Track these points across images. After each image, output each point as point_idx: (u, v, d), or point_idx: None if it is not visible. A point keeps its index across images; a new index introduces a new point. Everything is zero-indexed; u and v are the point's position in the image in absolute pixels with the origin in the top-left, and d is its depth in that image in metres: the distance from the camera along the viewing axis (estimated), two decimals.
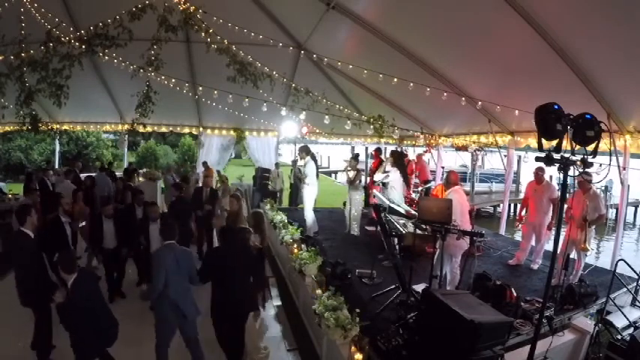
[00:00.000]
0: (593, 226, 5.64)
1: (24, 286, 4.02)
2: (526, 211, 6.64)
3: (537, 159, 2.87)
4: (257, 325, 4.42)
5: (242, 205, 6.44)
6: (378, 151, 10.13)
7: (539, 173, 6.28)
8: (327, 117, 7.37)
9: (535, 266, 6.33)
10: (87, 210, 6.47)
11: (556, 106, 2.76)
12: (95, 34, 5.77)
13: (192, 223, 6.79)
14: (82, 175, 9.88)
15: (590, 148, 2.82)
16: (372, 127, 7.90)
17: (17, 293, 4.08)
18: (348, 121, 7.62)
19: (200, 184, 8.76)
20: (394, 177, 7.51)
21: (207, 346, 4.03)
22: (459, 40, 6.14)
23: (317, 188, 7.57)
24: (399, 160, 7.72)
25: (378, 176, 7.55)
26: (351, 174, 8.21)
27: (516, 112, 6.39)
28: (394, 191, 7.39)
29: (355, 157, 8.72)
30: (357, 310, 3.78)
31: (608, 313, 4.80)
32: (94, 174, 10.19)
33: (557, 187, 6.27)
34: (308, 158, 7.36)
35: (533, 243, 6.55)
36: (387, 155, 7.87)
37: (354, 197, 8.09)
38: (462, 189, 5.51)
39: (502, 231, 9.04)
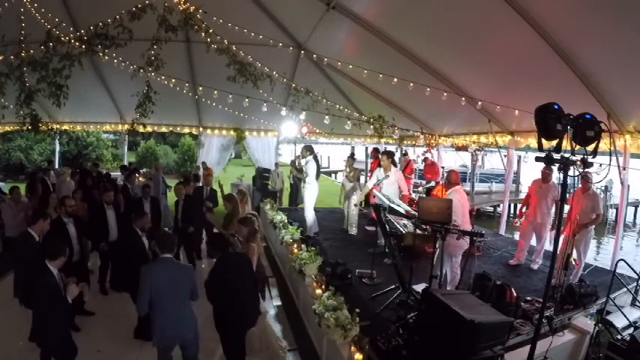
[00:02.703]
0: (592, 227, 5.65)
1: (24, 286, 4.06)
2: (527, 209, 6.63)
3: (537, 159, 2.87)
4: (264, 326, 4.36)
5: (240, 204, 6.39)
6: (378, 151, 10.12)
7: (546, 172, 6.25)
8: (327, 117, 7.37)
9: (535, 266, 6.33)
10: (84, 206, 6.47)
11: (556, 106, 2.76)
12: (95, 34, 5.76)
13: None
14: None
15: (590, 148, 2.82)
16: (372, 127, 7.90)
17: (14, 291, 4.14)
18: (348, 121, 7.62)
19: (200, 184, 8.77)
20: (398, 177, 7.48)
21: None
22: (459, 40, 6.14)
23: (317, 188, 7.57)
24: (394, 160, 7.71)
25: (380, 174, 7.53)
26: (351, 174, 8.24)
27: (516, 112, 6.39)
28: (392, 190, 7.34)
29: (351, 155, 8.75)
30: (357, 310, 3.77)
31: (608, 313, 4.81)
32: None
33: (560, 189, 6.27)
34: (310, 157, 7.35)
35: (533, 243, 6.55)
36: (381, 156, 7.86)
37: (351, 197, 8.10)
38: (462, 189, 5.51)
39: (502, 231, 9.04)
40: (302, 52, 8.40)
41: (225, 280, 3.53)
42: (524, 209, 6.80)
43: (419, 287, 4.85)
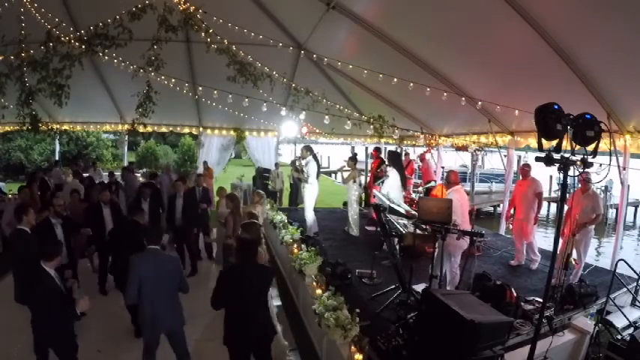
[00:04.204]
0: (592, 227, 5.65)
1: (23, 283, 4.07)
2: (514, 210, 6.60)
3: (537, 159, 2.86)
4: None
5: (254, 205, 6.41)
6: (378, 150, 10.12)
7: (524, 169, 6.35)
8: (327, 117, 7.37)
9: (534, 266, 6.29)
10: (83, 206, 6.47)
11: (556, 106, 2.76)
12: (95, 34, 5.77)
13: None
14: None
15: (590, 148, 2.82)
16: (372, 127, 7.91)
17: (14, 290, 4.14)
18: (348, 121, 7.62)
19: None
20: (392, 176, 7.49)
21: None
22: (459, 40, 6.14)
23: (317, 188, 7.57)
24: (395, 160, 7.72)
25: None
26: (345, 174, 8.22)
27: (516, 112, 6.39)
28: (392, 191, 7.37)
29: (353, 157, 8.73)
30: (357, 310, 3.77)
31: (608, 313, 4.81)
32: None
33: (541, 183, 6.29)
34: (310, 157, 7.35)
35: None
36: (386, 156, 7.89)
37: (351, 198, 8.10)
38: (462, 189, 5.51)
39: (502, 231, 9.04)
40: (302, 52, 8.40)
41: (246, 290, 3.26)
42: (512, 211, 6.71)
43: (419, 287, 4.85)
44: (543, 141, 2.88)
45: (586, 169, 2.87)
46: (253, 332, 3.30)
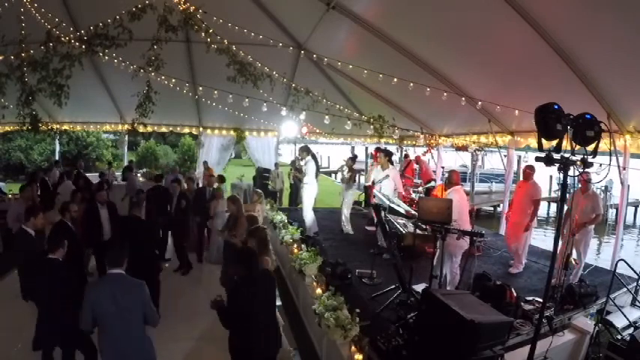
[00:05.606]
0: (592, 227, 5.65)
1: (26, 283, 4.12)
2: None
3: (537, 159, 2.87)
4: None
5: (254, 204, 6.38)
6: (379, 150, 10.11)
7: (527, 170, 6.23)
8: (327, 117, 7.37)
9: (514, 270, 6.13)
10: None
11: (556, 106, 2.76)
12: (95, 34, 5.77)
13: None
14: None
15: (590, 148, 2.82)
16: (372, 127, 7.91)
17: (20, 288, 4.18)
18: (348, 121, 7.62)
19: (201, 184, 8.76)
20: (392, 175, 7.47)
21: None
22: (459, 40, 6.14)
23: (316, 188, 7.57)
24: (391, 159, 7.70)
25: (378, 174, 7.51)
26: (347, 174, 8.23)
27: (516, 112, 6.39)
28: (388, 189, 7.33)
29: (353, 157, 8.73)
30: (357, 310, 3.78)
31: (608, 313, 4.81)
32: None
33: (541, 189, 6.19)
34: (309, 158, 7.36)
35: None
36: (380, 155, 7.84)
37: (347, 197, 8.11)
38: (462, 189, 5.50)
39: (502, 231, 9.02)
40: (302, 52, 8.41)
41: (258, 301, 3.01)
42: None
43: (419, 287, 4.85)
44: (543, 141, 2.88)
45: (586, 169, 2.87)
46: (263, 346, 3.04)
